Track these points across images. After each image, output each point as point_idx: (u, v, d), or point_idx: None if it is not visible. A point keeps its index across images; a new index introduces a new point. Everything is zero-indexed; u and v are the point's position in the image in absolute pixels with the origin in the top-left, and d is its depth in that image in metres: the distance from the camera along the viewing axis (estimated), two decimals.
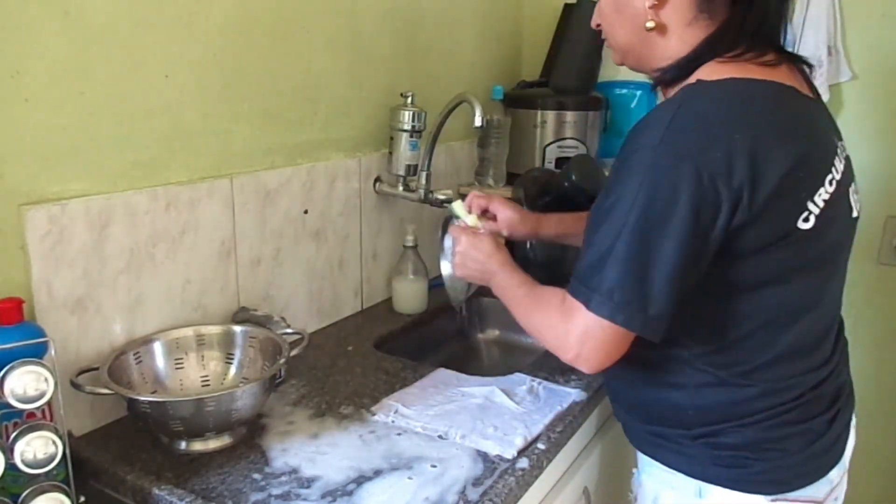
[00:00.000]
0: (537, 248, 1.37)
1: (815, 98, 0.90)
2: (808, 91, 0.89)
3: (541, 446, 0.98)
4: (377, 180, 1.47)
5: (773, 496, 0.87)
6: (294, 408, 1.07)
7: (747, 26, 0.84)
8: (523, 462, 0.94)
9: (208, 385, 1.05)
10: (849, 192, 0.89)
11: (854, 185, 0.92)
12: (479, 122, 1.31)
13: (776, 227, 0.80)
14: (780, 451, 0.87)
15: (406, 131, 1.42)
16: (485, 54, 1.85)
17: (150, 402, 0.90)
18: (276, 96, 1.23)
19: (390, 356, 1.27)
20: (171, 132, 1.06)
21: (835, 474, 0.91)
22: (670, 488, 0.94)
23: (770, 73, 0.84)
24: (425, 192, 1.45)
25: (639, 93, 1.91)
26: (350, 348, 1.30)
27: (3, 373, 0.77)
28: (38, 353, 0.82)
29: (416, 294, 1.48)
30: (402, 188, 1.46)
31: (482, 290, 1.28)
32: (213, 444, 0.95)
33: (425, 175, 1.44)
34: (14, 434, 0.78)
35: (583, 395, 1.11)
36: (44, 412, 0.85)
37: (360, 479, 0.89)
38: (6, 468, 0.76)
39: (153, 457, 0.94)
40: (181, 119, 1.07)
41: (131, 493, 0.89)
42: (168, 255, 1.07)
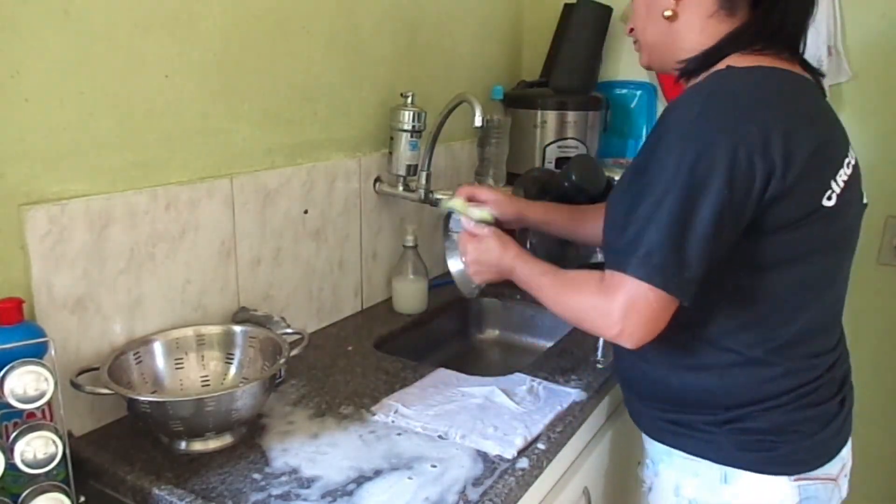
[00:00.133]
0: (537, 248, 1.37)
1: (824, 95, 0.96)
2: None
3: (541, 446, 0.98)
4: (377, 180, 1.47)
5: (796, 476, 0.91)
6: (294, 408, 1.07)
7: (767, 28, 0.89)
8: (523, 462, 0.94)
9: (208, 385, 1.05)
10: (859, 178, 0.94)
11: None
12: (479, 122, 1.31)
13: (804, 203, 0.84)
14: (801, 432, 0.91)
15: (406, 131, 1.42)
16: (485, 54, 1.85)
17: (150, 402, 0.90)
18: (276, 96, 1.23)
19: (390, 356, 1.27)
20: (171, 132, 1.06)
21: (845, 452, 0.97)
22: (693, 476, 0.96)
23: (790, 66, 0.90)
24: (425, 192, 1.45)
25: (639, 93, 1.91)
26: (350, 348, 1.30)
27: (3, 373, 0.77)
28: (38, 353, 0.82)
29: (416, 294, 1.48)
30: (402, 188, 1.46)
31: (483, 291, 1.28)
32: (213, 444, 0.95)
33: (425, 175, 1.44)
34: (14, 434, 0.78)
35: (583, 395, 1.11)
36: (44, 412, 0.85)
37: (360, 479, 0.89)
38: (6, 468, 0.76)
39: (153, 457, 0.94)
40: (181, 119, 1.07)
41: (131, 493, 0.89)
42: (168, 255, 1.07)
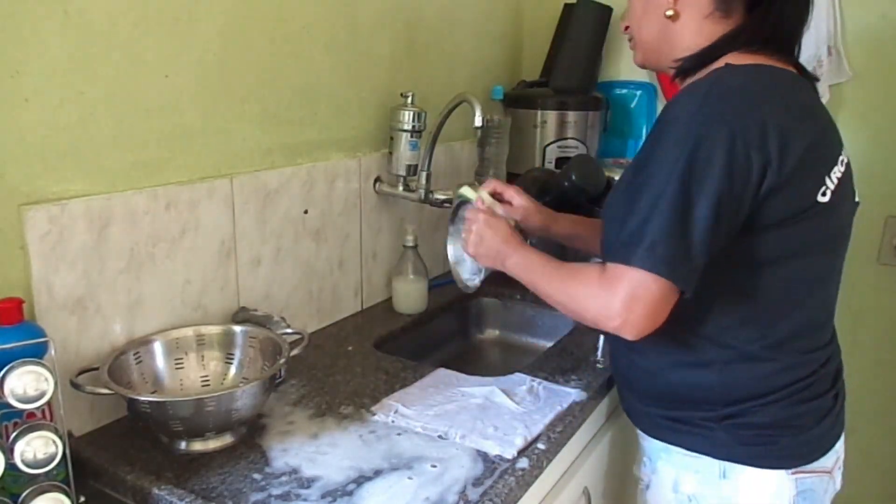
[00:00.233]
0: (537, 248, 1.36)
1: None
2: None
3: (541, 446, 0.98)
4: (377, 180, 1.47)
5: (793, 469, 0.92)
6: (294, 408, 1.07)
7: (762, 32, 0.90)
8: (523, 462, 0.94)
9: (208, 385, 1.05)
10: (851, 176, 0.95)
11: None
12: (479, 122, 1.31)
13: (799, 198, 0.85)
14: (798, 427, 0.92)
15: (406, 131, 1.42)
16: (485, 54, 1.85)
17: (150, 402, 0.90)
18: (276, 96, 1.23)
19: (390, 356, 1.27)
20: (171, 132, 1.06)
21: (839, 445, 0.98)
22: (692, 472, 0.96)
23: (785, 66, 0.91)
24: (425, 192, 1.45)
25: (639, 93, 1.91)
26: (350, 348, 1.30)
27: (3, 373, 0.77)
28: (38, 353, 0.82)
29: (416, 294, 1.48)
30: (402, 188, 1.46)
31: (483, 291, 1.28)
32: (213, 444, 0.95)
33: (425, 175, 1.44)
34: (14, 434, 0.78)
35: (583, 395, 1.11)
36: (44, 412, 0.85)
37: (361, 479, 0.89)
38: (6, 468, 0.76)
39: (153, 457, 0.94)
40: (181, 119, 1.07)
41: (131, 493, 0.89)
42: (168, 255, 1.07)
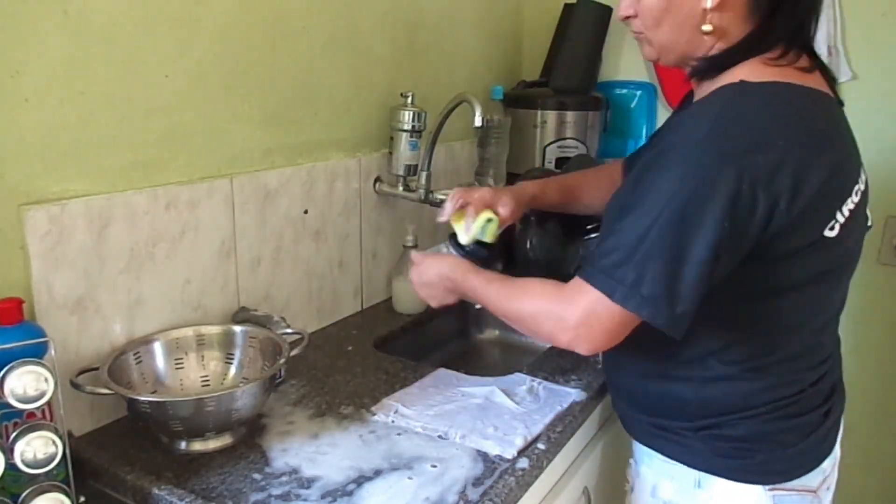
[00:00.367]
0: (537, 248, 1.36)
1: (841, 104, 0.91)
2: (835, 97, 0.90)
3: (541, 446, 0.98)
4: (377, 180, 1.47)
5: (771, 486, 0.90)
6: (294, 408, 1.07)
7: (785, 32, 0.84)
8: (523, 462, 0.94)
9: (208, 385, 1.05)
10: (866, 202, 0.91)
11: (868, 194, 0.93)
12: (479, 122, 1.31)
13: (807, 235, 0.81)
14: (779, 442, 0.89)
15: (406, 131, 1.42)
16: (485, 54, 1.85)
17: (150, 402, 0.90)
18: (276, 96, 1.23)
19: (390, 356, 1.27)
20: (171, 132, 1.06)
21: (827, 465, 0.94)
22: (669, 479, 0.95)
23: (806, 78, 0.84)
24: (425, 192, 1.45)
25: (639, 93, 1.91)
26: (350, 348, 1.30)
27: (3, 373, 0.77)
28: (38, 353, 0.82)
29: (416, 294, 1.47)
30: (402, 188, 1.46)
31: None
32: (213, 444, 0.95)
33: (425, 175, 1.44)
34: (14, 434, 0.78)
35: (583, 395, 1.11)
36: (44, 412, 0.85)
37: (361, 480, 0.89)
38: (6, 468, 0.76)
39: (153, 457, 0.94)
40: (181, 119, 1.07)
41: (131, 493, 0.89)
42: (168, 255, 1.07)
